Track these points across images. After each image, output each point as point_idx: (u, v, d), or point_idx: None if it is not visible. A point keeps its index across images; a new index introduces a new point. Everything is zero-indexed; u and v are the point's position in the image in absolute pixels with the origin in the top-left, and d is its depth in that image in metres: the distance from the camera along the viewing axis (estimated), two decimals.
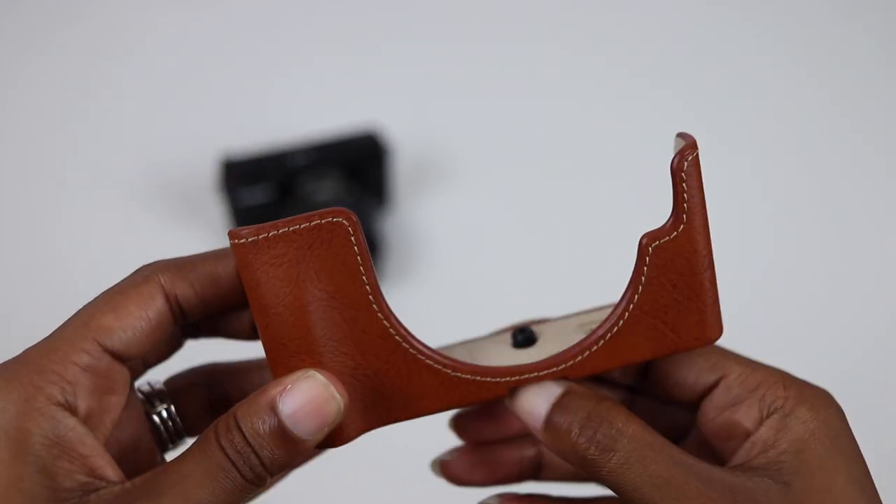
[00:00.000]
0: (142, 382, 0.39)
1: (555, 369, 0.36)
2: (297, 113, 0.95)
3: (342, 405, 0.34)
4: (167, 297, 0.36)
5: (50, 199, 0.89)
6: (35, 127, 0.95)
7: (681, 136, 0.36)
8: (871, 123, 0.96)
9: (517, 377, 0.36)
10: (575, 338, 0.37)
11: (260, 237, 0.33)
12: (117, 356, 0.35)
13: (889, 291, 0.82)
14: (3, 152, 0.93)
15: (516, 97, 0.98)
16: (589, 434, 0.34)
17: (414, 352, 0.36)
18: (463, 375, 0.36)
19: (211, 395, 0.40)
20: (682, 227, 0.35)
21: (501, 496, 0.41)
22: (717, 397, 0.37)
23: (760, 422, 0.35)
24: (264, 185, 0.81)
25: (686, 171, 0.35)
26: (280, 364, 0.35)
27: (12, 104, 0.97)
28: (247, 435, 0.33)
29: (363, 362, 0.35)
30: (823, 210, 0.88)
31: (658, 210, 0.37)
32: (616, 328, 0.36)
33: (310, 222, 0.34)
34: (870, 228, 0.87)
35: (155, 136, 0.94)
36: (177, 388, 0.40)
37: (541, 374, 0.36)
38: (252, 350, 0.38)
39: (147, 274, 0.36)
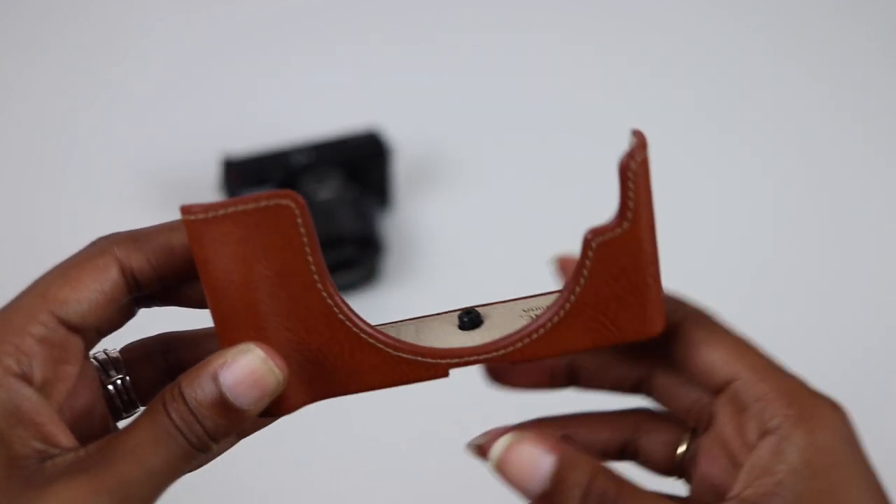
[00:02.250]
0: (98, 351, 0.40)
1: (494, 353, 0.37)
2: (297, 113, 0.95)
3: (281, 378, 0.35)
4: (122, 269, 0.36)
5: (50, 199, 0.89)
6: (35, 127, 0.95)
7: (634, 133, 0.36)
8: (871, 121, 0.96)
9: (458, 359, 0.37)
10: (519, 323, 0.38)
11: (209, 215, 0.35)
12: (72, 327, 0.36)
13: (888, 291, 0.82)
14: (2, 153, 0.93)
15: (518, 97, 0.98)
16: None
17: (357, 330, 0.37)
18: (404, 355, 0.37)
19: (166, 363, 0.41)
20: (626, 224, 0.36)
21: (488, 432, 0.40)
22: (726, 400, 0.37)
23: (760, 437, 0.35)
24: (265, 185, 0.81)
25: (633, 170, 0.35)
26: (226, 337, 0.36)
27: (11, 104, 0.97)
28: (190, 405, 0.34)
29: (307, 338, 0.37)
30: (823, 207, 0.89)
31: (660, 206, 0.37)
32: (556, 318, 0.37)
33: (257, 203, 0.35)
34: (870, 226, 0.87)
35: (155, 136, 0.94)
36: (132, 356, 0.41)
37: (480, 357, 0.37)
38: (206, 318, 0.38)
39: (102, 246, 0.37)
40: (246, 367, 0.35)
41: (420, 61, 1.02)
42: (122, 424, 0.39)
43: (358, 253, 0.78)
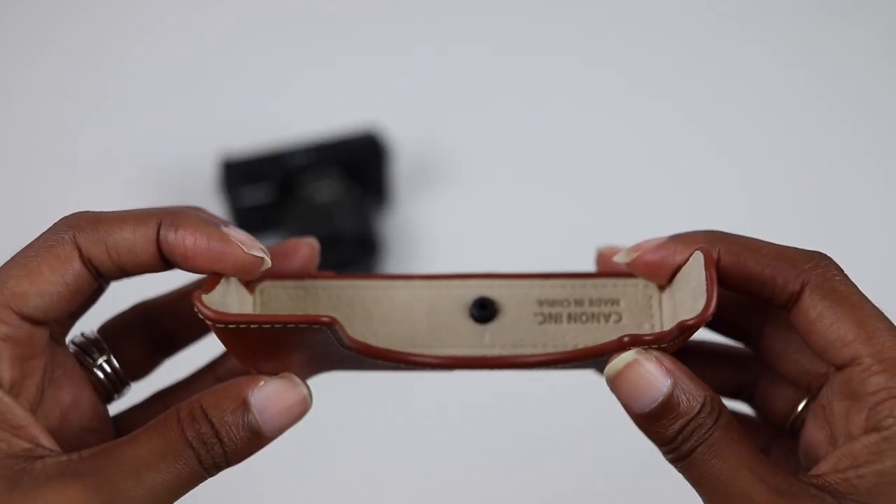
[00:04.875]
0: (75, 335, 0.38)
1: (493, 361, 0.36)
2: (297, 113, 0.95)
3: (310, 406, 0.35)
4: (83, 259, 0.34)
5: (49, 199, 0.89)
6: (35, 126, 0.95)
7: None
8: (871, 123, 0.96)
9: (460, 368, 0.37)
10: (533, 326, 0.39)
11: (240, 327, 0.33)
12: (36, 322, 0.34)
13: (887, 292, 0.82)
14: (2, 152, 0.93)
15: (517, 97, 0.98)
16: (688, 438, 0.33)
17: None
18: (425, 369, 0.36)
19: (149, 332, 0.39)
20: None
21: (638, 246, 0.39)
22: (842, 379, 0.34)
23: (865, 431, 0.33)
24: (264, 185, 0.81)
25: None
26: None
27: (11, 104, 0.97)
28: (215, 423, 0.33)
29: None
30: (823, 210, 0.89)
31: (658, 208, 0.36)
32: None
33: (297, 322, 0.33)
34: (870, 226, 0.87)
35: (155, 136, 0.94)
36: (112, 334, 0.39)
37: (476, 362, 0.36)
38: (178, 278, 0.37)
39: (63, 232, 0.35)
40: (278, 389, 0.34)
41: (420, 61, 1.02)
42: (113, 407, 0.38)
43: (357, 253, 0.78)
